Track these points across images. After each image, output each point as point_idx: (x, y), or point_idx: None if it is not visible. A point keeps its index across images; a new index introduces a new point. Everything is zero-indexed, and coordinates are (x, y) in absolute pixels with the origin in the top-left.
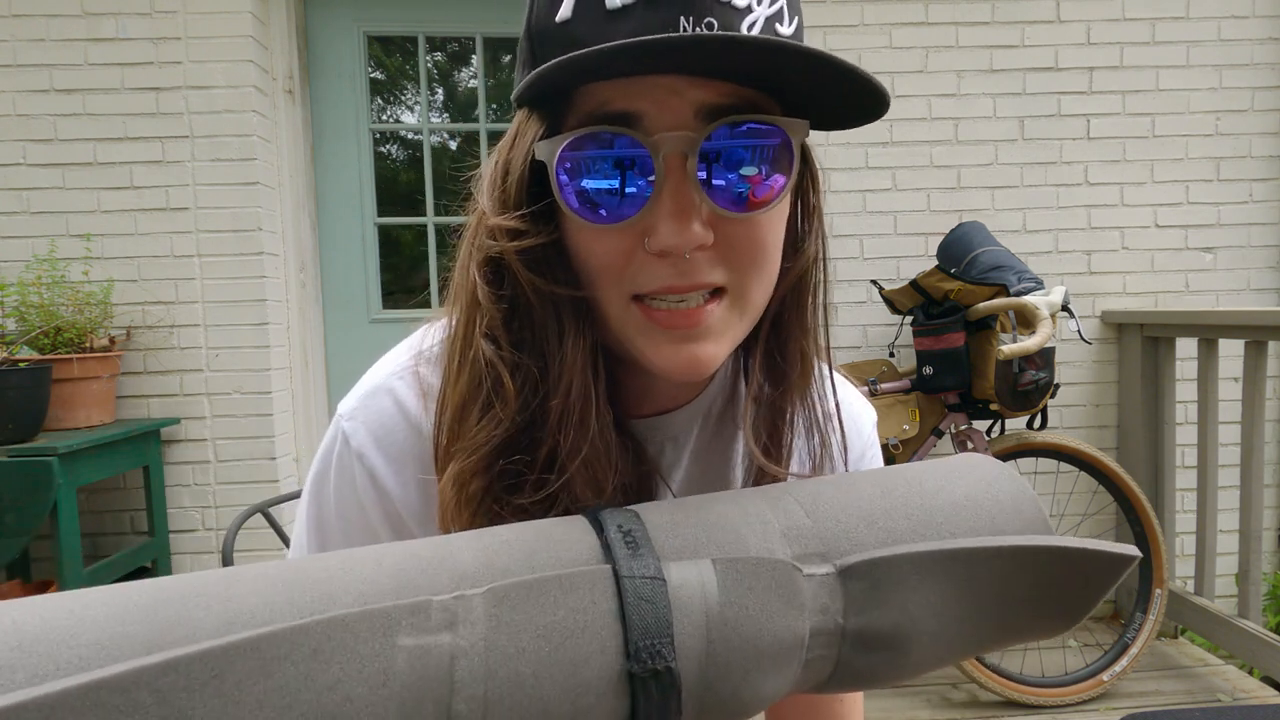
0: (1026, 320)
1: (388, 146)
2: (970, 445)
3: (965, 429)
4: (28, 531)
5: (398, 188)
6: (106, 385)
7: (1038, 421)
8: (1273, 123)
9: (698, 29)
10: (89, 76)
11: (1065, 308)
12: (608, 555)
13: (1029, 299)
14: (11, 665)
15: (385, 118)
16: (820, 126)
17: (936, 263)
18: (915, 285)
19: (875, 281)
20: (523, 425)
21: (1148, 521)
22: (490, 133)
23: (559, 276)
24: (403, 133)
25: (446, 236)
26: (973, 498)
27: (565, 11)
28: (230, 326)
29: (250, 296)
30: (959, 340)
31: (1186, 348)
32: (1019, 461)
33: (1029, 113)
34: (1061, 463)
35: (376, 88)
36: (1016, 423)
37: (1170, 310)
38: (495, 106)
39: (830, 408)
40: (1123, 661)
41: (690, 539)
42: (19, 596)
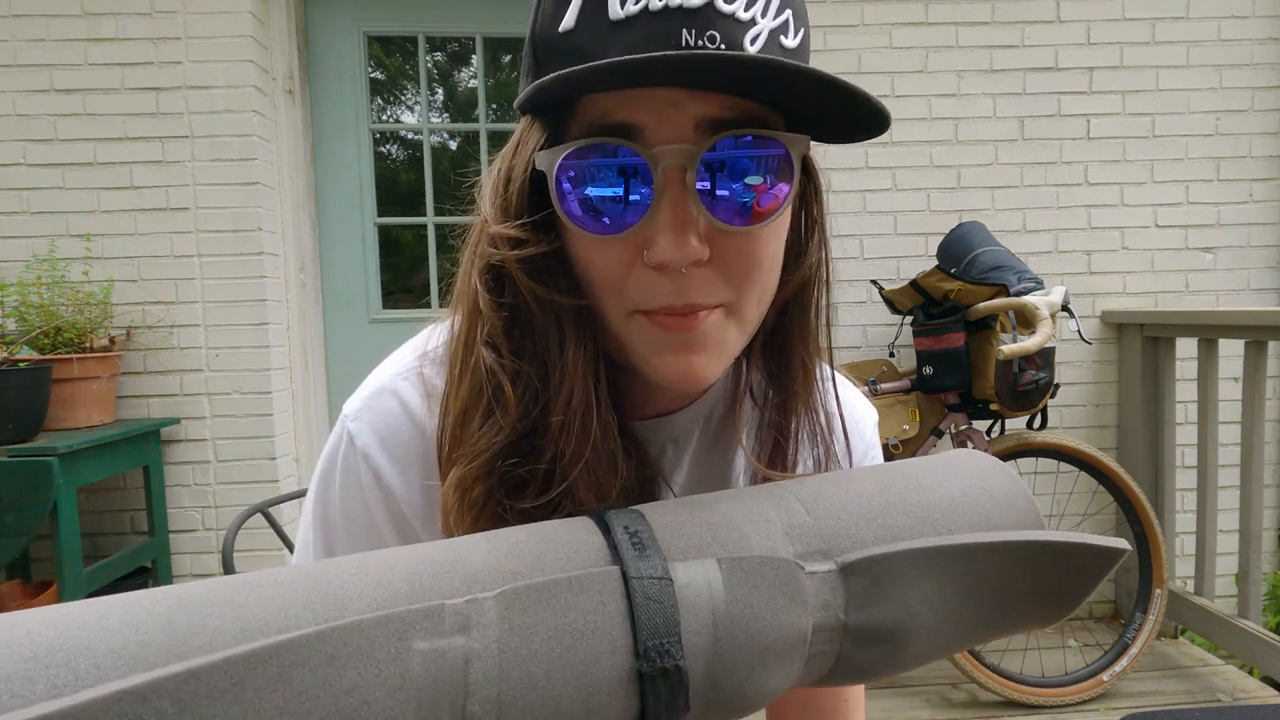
0: (1026, 320)
1: (388, 146)
2: (970, 445)
3: (965, 429)
4: (28, 531)
5: (398, 188)
6: (106, 385)
7: (1038, 421)
8: (1273, 123)
9: (700, 42)
10: (89, 76)
11: (1065, 308)
12: (615, 556)
13: (1029, 299)
14: (29, 676)
15: (385, 118)
16: (823, 139)
17: (936, 263)
18: (915, 285)
19: (875, 281)
20: (524, 432)
21: (1148, 521)
22: (490, 133)
23: (560, 285)
24: (403, 133)
25: (447, 236)
26: (968, 493)
27: (569, 22)
28: (230, 326)
29: (250, 296)
30: (959, 340)
31: (1186, 348)
32: (1019, 461)
33: (1029, 113)
34: (1061, 463)
35: (376, 88)
36: (1016, 423)
37: (1170, 310)
38: (495, 106)
39: (833, 409)
40: (1123, 661)
41: (695, 539)
42: (19, 596)
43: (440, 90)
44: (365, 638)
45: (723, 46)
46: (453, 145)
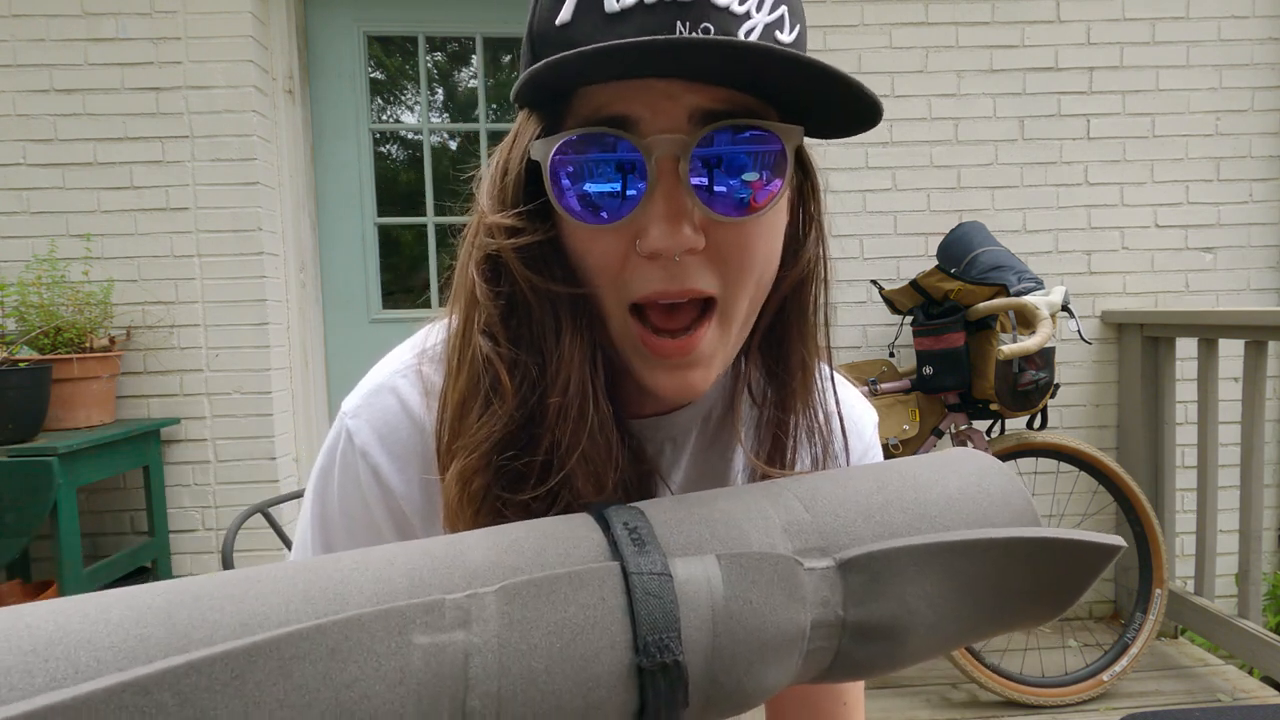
0: (1026, 320)
1: (388, 146)
2: (970, 445)
3: (965, 429)
4: (28, 531)
5: (398, 188)
6: (106, 385)
7: (1038, 421)
8: (1273, 123)
9: (694, 34)
10: (89, 76)
11: (1065, 308)
12: (615, 552)
13: (1029, 299)
14: (28, 669)
15: (385, 118)
16: (816, 134)
17: (936, 263)
18: (915, 285)
19: (875, 281)
20: (522, 421)
21: (1148, 521)
22: (490, 133)
23: (556, 274)
24: (403, 133)
25: (447, 236)
26: (965, 491)
27: (565, 15)
28: (230, 326)
29: (250, 296)
30: (959, 340)
31: (1186, 348)
32: (1019, 461)
33: (1029, 113)
34: (1061, 463)
35: (376, 88)
36: (1016, 423)
37: (1170, 310)
38: (495, 106)
39: (831, 408)
40: (1123, 661)
41: (694, 535)
42: (19, 596)
43: (440, 90)
44: (365, 632)
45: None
46: (453, 145)
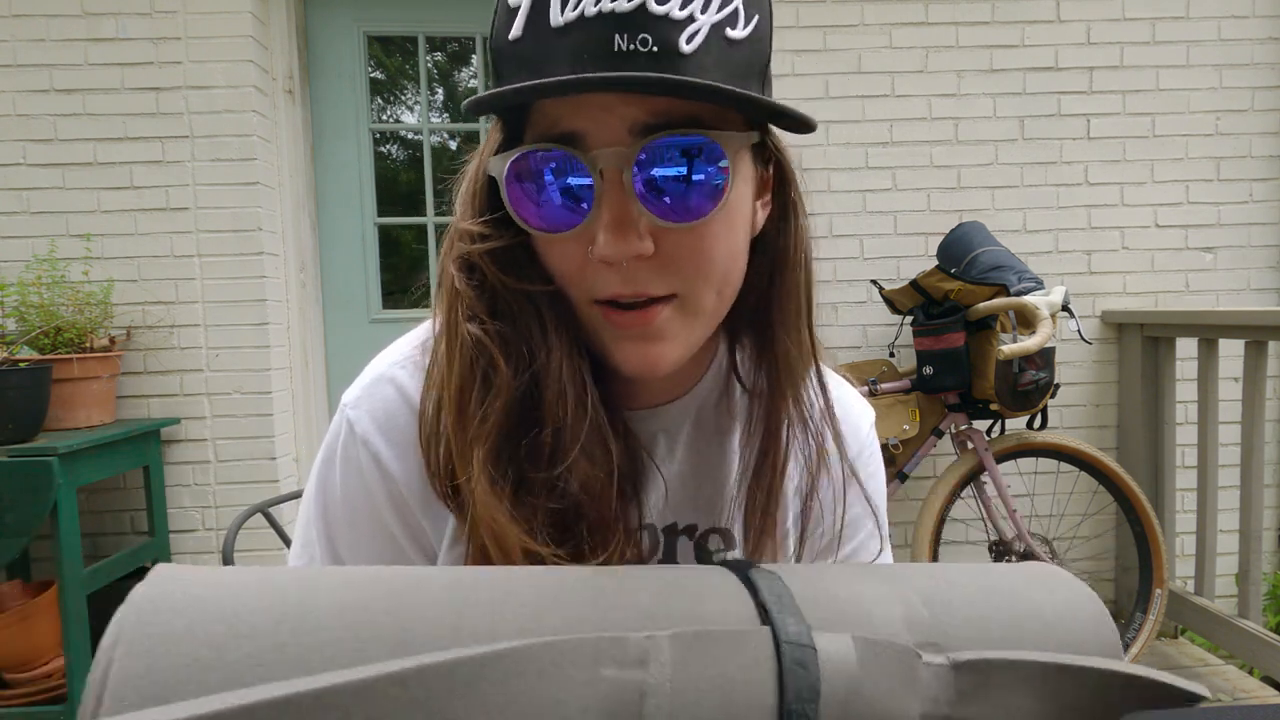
0: (1026, 320)
1: (388, 146)
2: (970, 445)
3: (965, 429)
4: (28, 531)
5: (398, 188)
6: (106, 385)
7: (1038, 421)
8: (1273, 123)
9: (632, 46)
10: (89, 76)
11: (1065, 308)
12: (764, 616)
13: (1029, 299)
14: (282, 645)
15: (385, 118)
16: (785, 128)
17: (936, 263)
18: (915, 285)
19: (875, 281)
20: (522, 395)
21: (1148, 521)
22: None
23: (529, 275)
24: (403, 133)
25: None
26: (1061, 615)
27: (516, 31)
28: (230, 326)
29: (250, 296)
30: (959, 340)
31: (1186, 348)
32: (1019, 461)
33: (1029, 113)
34: (1061, 463)
35: (376, 88)
36: (1016, 423)
37: (1170, 310)
38: None
39: (822, 405)
40: None
41: (829, 611)
42: (19, 596)
43: (440, 90)
44: (565, 657)
45: (655, 49)
46: (453, 145)
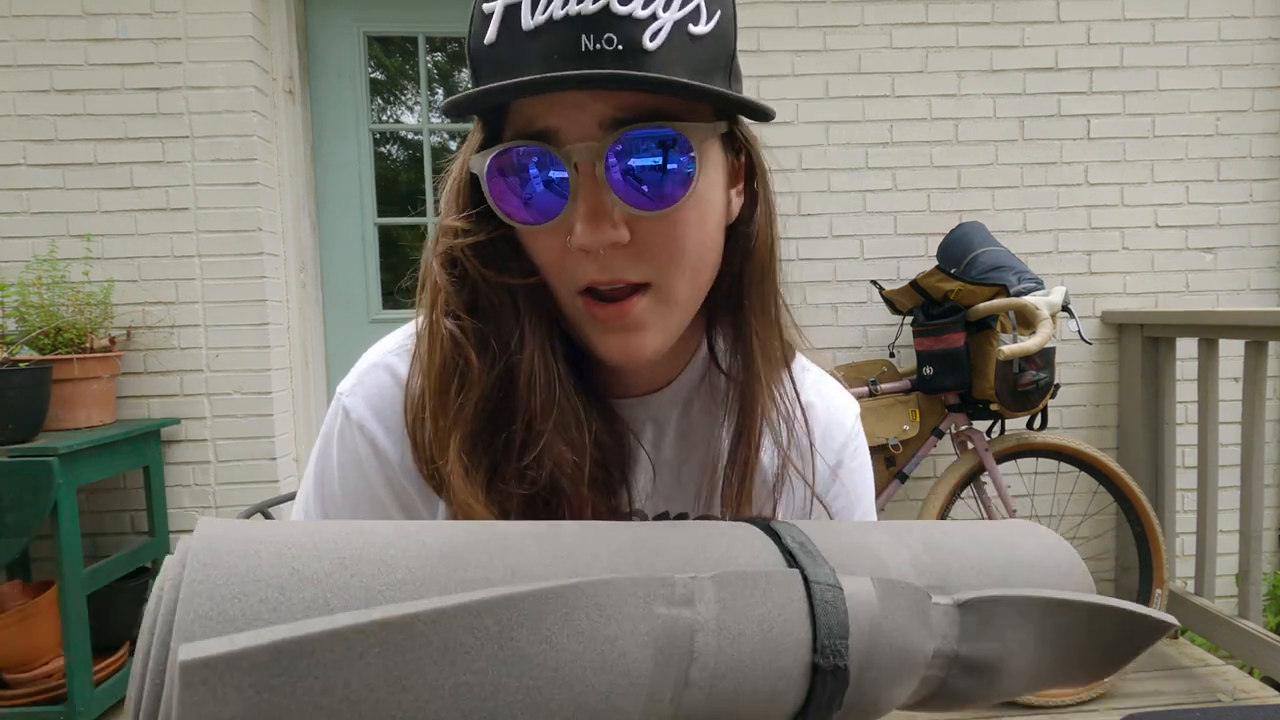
0: (1026, 320)
1: (388, 146)
2: (970, 445)
3: (965, 429)
4: (28, 531)
5: (398, 188)
6: (106, 385)
7: (1038, 422)
8: (1273, 123)
9: (598, 45)
10: (89, 76)
11: (1065, 308)
12: (791, 561)
13: (1029, 299)
14: (345, 585)
15: (385, 118)
16: (755, 117)
17: (936, 263)
18: (915, 285)
19: (875, 281)
20: (496, 389)
21: (1148, 521)
22: None
23: (510, 267)
24: (403, 133)
25: None
26: (1043, 559)
27: (491, 35)
28: (230, 326)
29: (250, 296)
30: (959, 340)
31: (1186, 348)
32: (1019, 461)
33: (1029, 113)
34: (1061, 463)
35: (376, 88)
36: (1016, 423)
37: (1170, 310)
38: None
39: (802, 396)
40: None
41: (846, 558)
42: (19, 596)
43: (440, 90)
44: (621, 595)
45: (620, 47)
46: (452, 146)
